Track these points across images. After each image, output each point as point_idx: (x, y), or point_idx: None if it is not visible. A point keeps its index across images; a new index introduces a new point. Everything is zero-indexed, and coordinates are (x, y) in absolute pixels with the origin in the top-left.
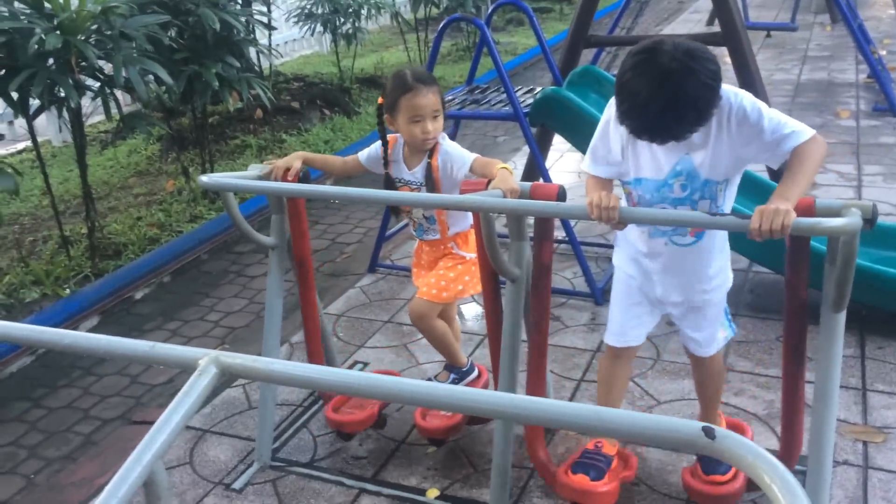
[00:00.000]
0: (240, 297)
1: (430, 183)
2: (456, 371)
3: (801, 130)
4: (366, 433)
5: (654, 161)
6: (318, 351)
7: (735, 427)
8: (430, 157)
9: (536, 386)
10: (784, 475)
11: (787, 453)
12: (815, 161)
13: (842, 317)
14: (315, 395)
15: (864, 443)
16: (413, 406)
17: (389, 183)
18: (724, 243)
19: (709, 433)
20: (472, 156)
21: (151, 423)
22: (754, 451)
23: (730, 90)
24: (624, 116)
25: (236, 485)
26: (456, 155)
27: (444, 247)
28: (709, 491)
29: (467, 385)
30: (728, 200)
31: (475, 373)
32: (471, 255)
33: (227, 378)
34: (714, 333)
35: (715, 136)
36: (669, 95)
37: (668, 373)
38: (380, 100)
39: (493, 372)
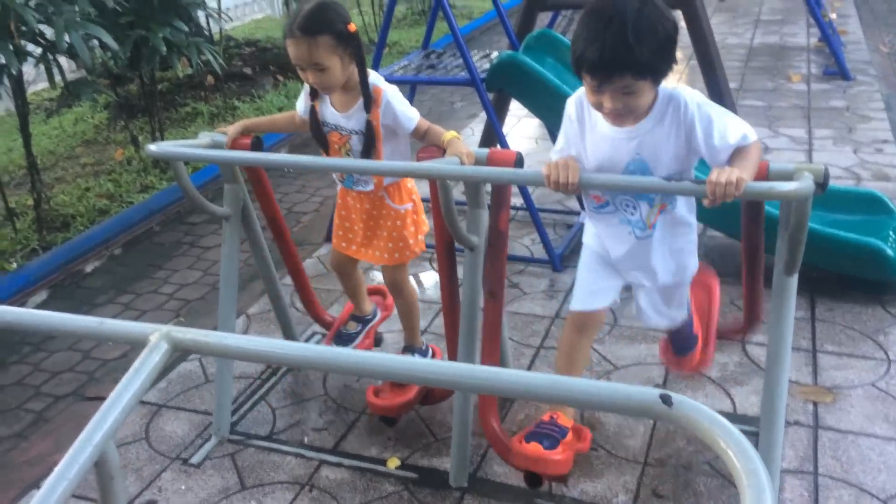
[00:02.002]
0: (194, 268)
1: (371, 136)
2: (416, 350)
3: (743, 136)
4: (325, 405)
5: (610, 161)
6: (310, 296)
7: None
8: (369, 108)
9: (492, 354)
10: (739, 440)
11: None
12: (755, 159)
13: (794, 280)
14: (273, 368)
15: (815, 403)
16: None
17: (317, 128)
18: (682, 236)
19: (666, 400)
20: (417, 115)
21: (105, 398)
22: (710, 416)
23: (683, 92)
24: (583, 49)
25: (194, 459)
26: (400, 109)
27: (375, 197)
28: (683, 367)
29: None
30: (688, 204)
31: (430, 353)
32: (405, 206)
33: (180, 353)
34: (676, 317)
35: (657, 132)
36: (629, 17)
37: (625, 338)
38: None
39: (448, 343)
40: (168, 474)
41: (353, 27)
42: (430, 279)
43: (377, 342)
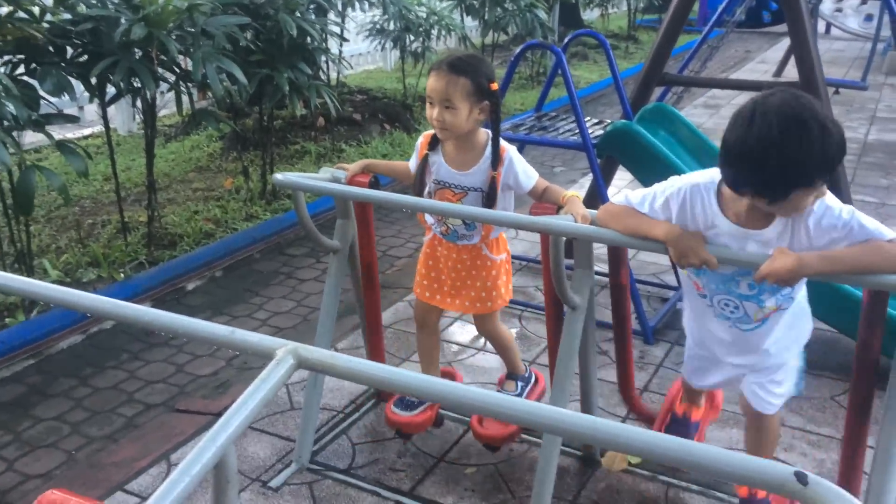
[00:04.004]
0: (288, 298)
1: (493, 193)
2: (519, 378)
3: (887, 232)
4: (405, 447)
5: None
6: (380, 352)
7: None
8: (496, 166)
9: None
10: None
11: (848, 483)
12: (884, 256)
13: None
14: (357, 404)
15: None
16: (461, 421)
17: (420, 183)
18: (795, 319)
19: (801, 478)
20: (536, 175)
21: (194, 412)
22: (848, 501)
23: (826, 199)
24: (740, 168)
25: (273, 483)
26: (522, 168)
27: (474, 248)
28: None
29: (530, 390)
30: (799, 288)
31: (534, 378)
32: (500, 256)
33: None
34: (778, 390)
35: (790, 238)
36: (794, 140)
37: (718, 420)
38: None
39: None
40: (247, 494)
41: (494, 86)
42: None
43: (439, 422)
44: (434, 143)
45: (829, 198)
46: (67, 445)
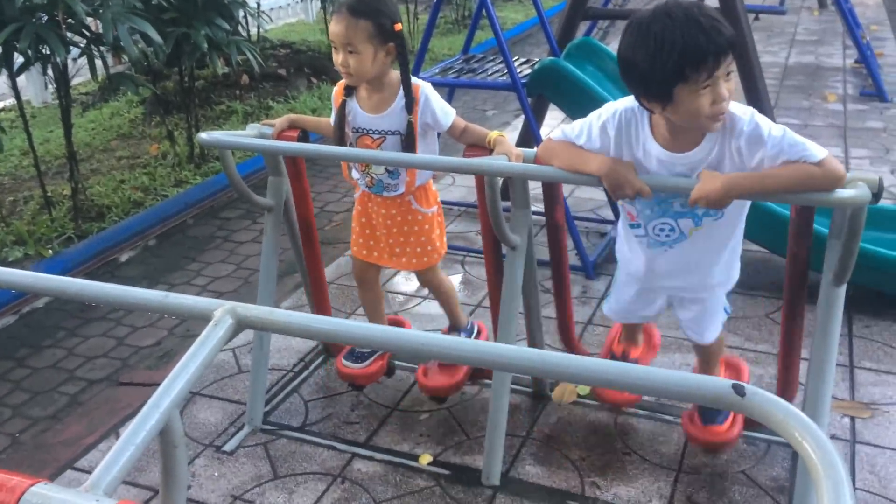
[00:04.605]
0: (227, 262)
1: (411, 136)
2: (462, 330)
3: (818, 151)
4: (357, 399)
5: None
6: (326, 308)
7: (733, 366)
8: (411, 109)
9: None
10: (816, 432)
11: (785, 394)
12: (814, 179)
13: (842, 291)
14: (305, 362)
15: (852, 418)
16: (414, 365)
17: (341, 130)
18: (729, 237)
19: (738, 390)
20: (454, 112)
21: (139, 384)
22: (785, 408)
23: (744, 111)
24: (680, 45)
25: (227, 447)
26: (438, 106)
27: (402, 201)
28: (708, 438)
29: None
30: (735, 213)
31: (476, 329)
32: (431, 209)
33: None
34: (714, 323)
35: (717, 153)
36: (698, 10)
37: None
38: None
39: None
40: (201, 461)
41: (398, 26)
42: (457, 281)
43: (390, 371)
44: (350, 91)
45: (760, 117)
46: (10, 429)
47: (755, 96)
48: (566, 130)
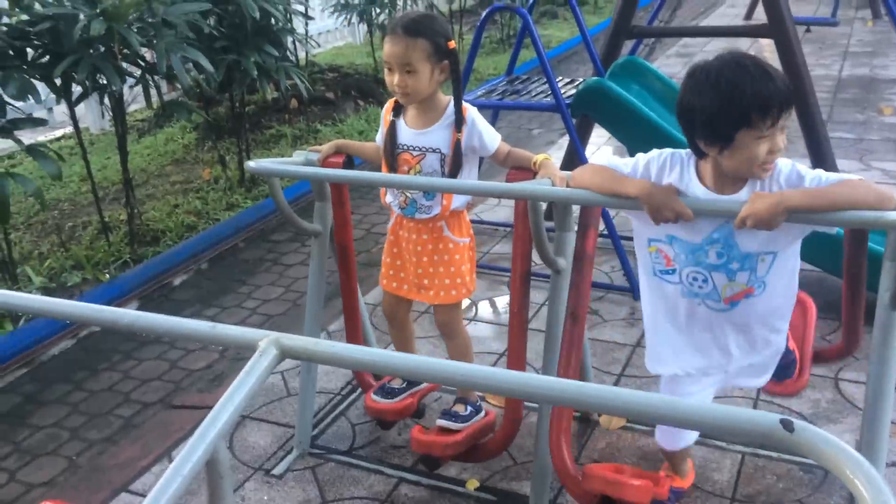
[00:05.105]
0: (276, 285)
1: (458, 155)
2: (470, 402)
3: (850, 175)
4: (404, 422)
5: (692, 228)
6: (357, 338)
7: (800, 301)
8: (460, 127)
9: (573, 377)
10: (868, 470)
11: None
12: (861, 191)
13: None
14: (353, 385)
15: None
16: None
17: (391, 147)
18: (775, 310)
19: (787, 426)
20: (499, 137)
21: (191, 407)
22: (836, 444)
23: (785, 162)
24: (749, 93)
25: (276, 470)
26: (484, 128)
27: (434, 226)
28: (781, 392)
29: (478, 420)
30: (775, 275)
31: (484, 412)
32: (464, 239)
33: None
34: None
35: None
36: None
37: None
38: None
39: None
40: (251, 484)
41: (452, 44)
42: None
43: (419, 412)
44: (398, 110)
45: (800, 166)
46: (68, 451)
47: (816, 146)
48: (611, 159)
